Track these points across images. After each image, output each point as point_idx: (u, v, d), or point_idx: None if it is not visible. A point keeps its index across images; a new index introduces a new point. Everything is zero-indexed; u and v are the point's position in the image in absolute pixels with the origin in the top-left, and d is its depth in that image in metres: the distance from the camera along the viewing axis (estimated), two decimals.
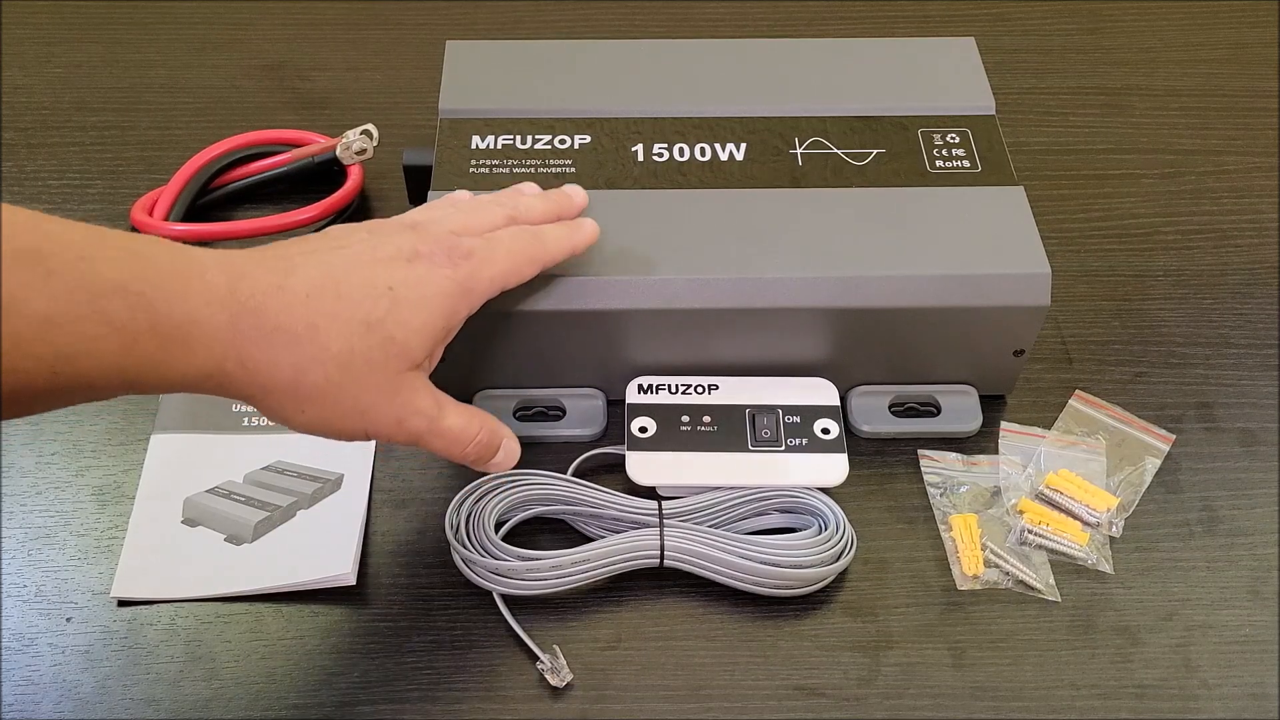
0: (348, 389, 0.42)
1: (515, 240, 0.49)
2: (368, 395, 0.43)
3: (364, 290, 0.42)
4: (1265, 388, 0.62)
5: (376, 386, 0.43)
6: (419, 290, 0.44)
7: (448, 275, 0.45)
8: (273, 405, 0.42)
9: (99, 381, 0.38)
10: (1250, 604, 0.54)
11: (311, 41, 0.80)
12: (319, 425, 0.43)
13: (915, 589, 0.54)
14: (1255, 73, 0.79)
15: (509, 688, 0.51)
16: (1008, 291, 0.56)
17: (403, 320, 0.43)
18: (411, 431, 0.45)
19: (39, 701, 0.50)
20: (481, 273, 0.46)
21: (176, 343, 0.39)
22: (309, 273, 0.42)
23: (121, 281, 0.37)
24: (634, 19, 0.82)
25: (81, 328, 0.36)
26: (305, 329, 0.41)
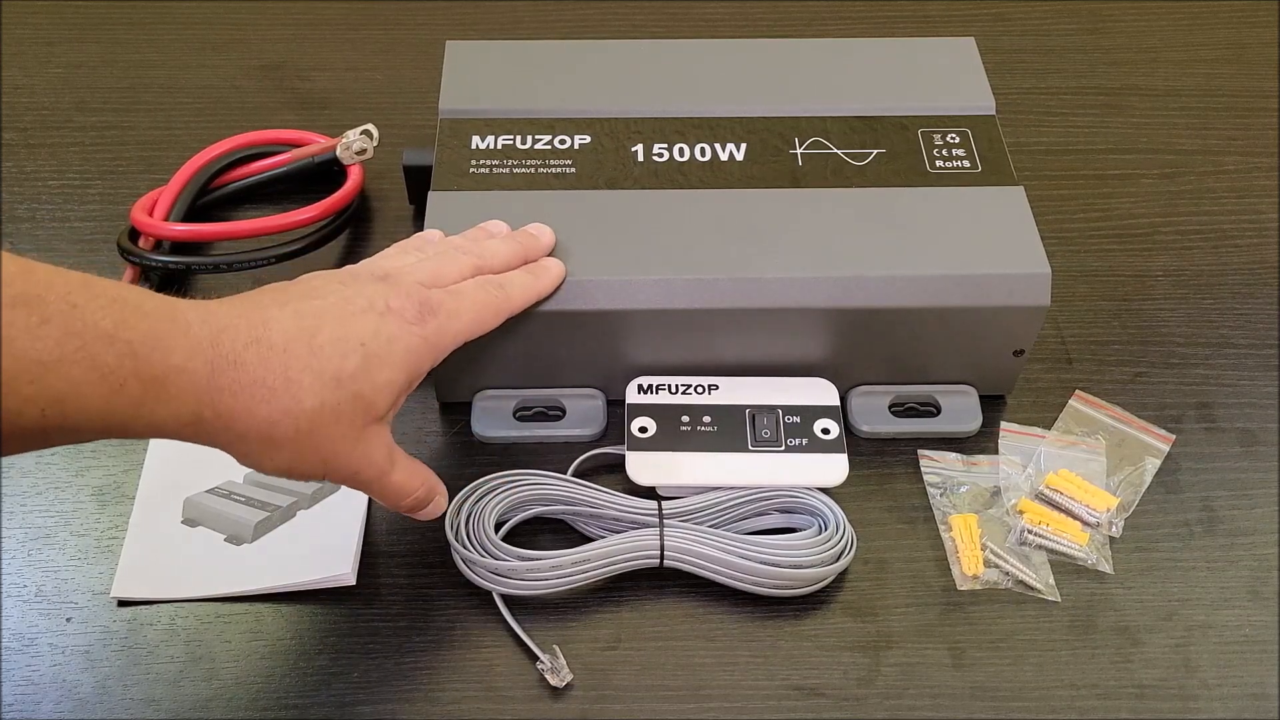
0: (315, 439, 0.44)
1: (480, 292, 0.51)
2: (331, 445, 0.45)
3: (337, 346, 0.44)
4: (1265, 388, 0.62)
5: (342, 437, 0.45)
6: (389, 347, 0.46)
7: (417, 333, 0.47)
8: (243, 451, 0.44)
9: (84, 425, 0.39)
10: (1250, 604, 0.54)
11: (311, 41, 0.80)
12: (283, 469, 0.45)
13: (915, 589, 0.54)
14: (1255, 73, 0.79)
15: (509, 688, 0.51)
16: (1008, 291, 0.56)
17: (372, 377, 0.45)
18: (362, 480, 0.47)
19: (39, 701, 0.50)
20: (448, 328, 0.48)
21: (159, 390, 0.40)
22: (284, 325, 0.44)
23: (110, 329, 0.39)
24: (634, 19, 0.82)
25: (71, 372, 0.38)
26: (281, 383, 0.43)
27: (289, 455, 0.44)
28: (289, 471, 0.45)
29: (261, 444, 0.44)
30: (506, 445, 0.59)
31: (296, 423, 0.43)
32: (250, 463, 0.45)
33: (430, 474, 0.51)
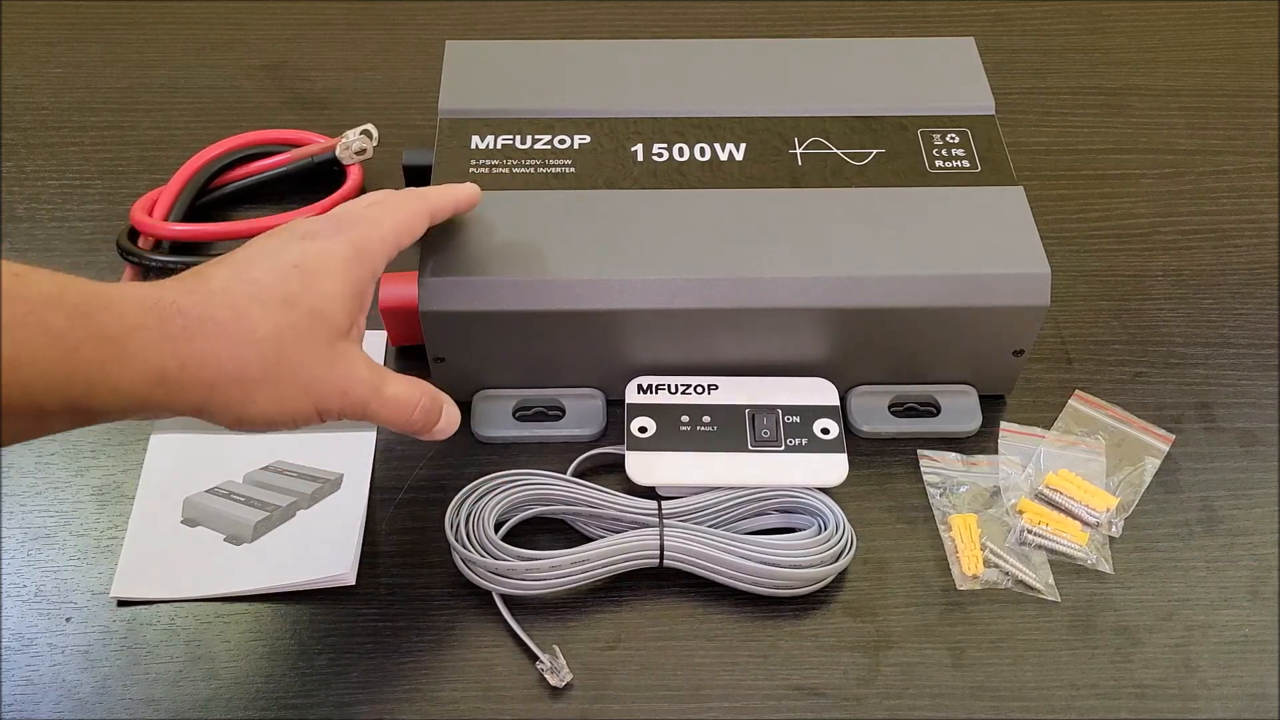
0: (287, 367, 0.44)
1: (397, 199, 0.51)
2: (307, 370, 0.44)
3: (272, 274, 0.45)
4: (1265, 388, 0.62)
5: (314, 359, 0.44)
6: (321, 261, 0.46)
7: (343, 241, 0.47)
8: (224, 403, 0.43)
9: (45, 398, 0.39)
10: (1250, 604, 0.54)
11: (311, 41, 0.80)
12: (273, 412, 0.44)
13: (915, 589, 0.54)
14: (1255, 73, 0.79)
15: (509, 688, 0.51)
16: (1007, 291, 0.56)
17: (317, 289, 0.45)
18: (357, 400, 0.46)
19: (39, 701, 0.50)
20: (373, 234, 0.48)
21: (116, 350, 0.40)
22: (218, 272, 0.45)
23: (56, 294, 0.39)
24: (634, 19, 0.82)
25: (22, 335, 0.38)
26: (229, 314, 0.43)
27: (270, 395, 0.43)
28: (278, 416, 0.44)
29: (238, 388, 0.43)
30: (506, 445, 0.59)
31: (261, 351, 0.43)
32: (236, 416, 0.43)
33: (429, 385, 0.50)
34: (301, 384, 0.44)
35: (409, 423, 0.49)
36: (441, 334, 0.56)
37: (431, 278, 0.55)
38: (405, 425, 0.49)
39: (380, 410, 0.47)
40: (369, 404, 0.47)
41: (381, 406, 0.47)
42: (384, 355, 0.62)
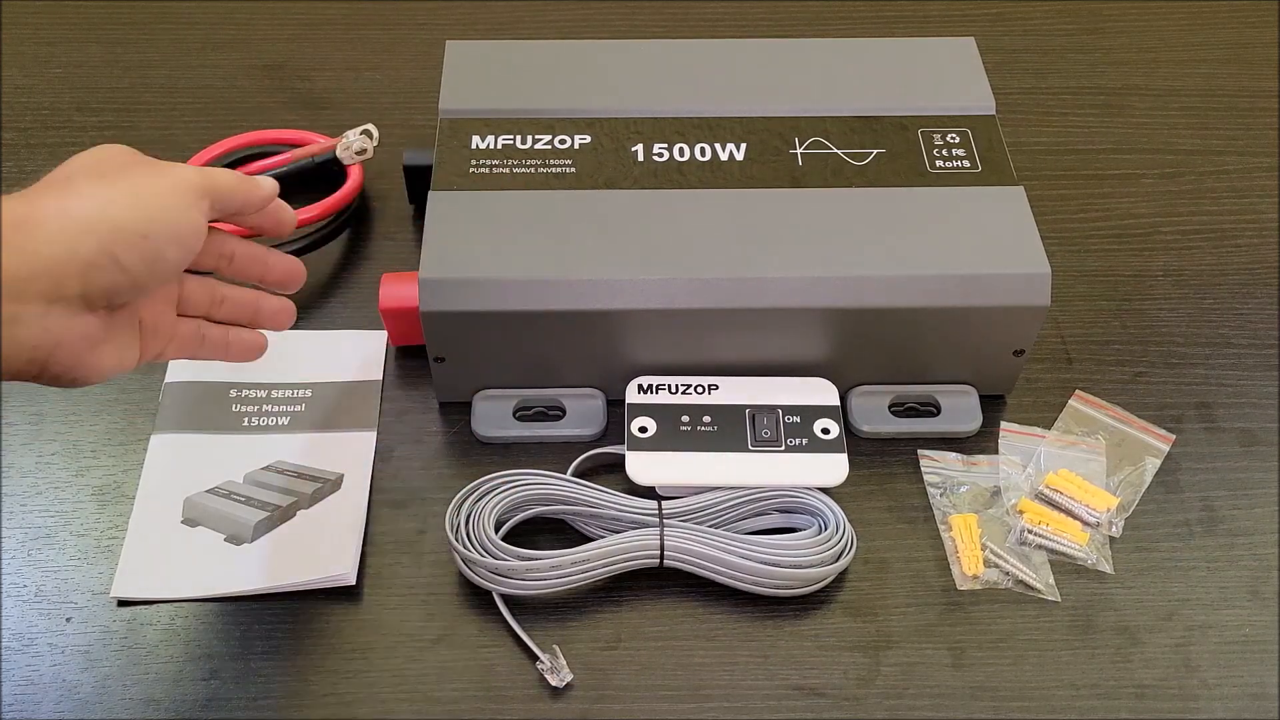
0: (135, 165, 0.45)
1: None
2: (151, 165, 0.46)
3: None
4: (1265, 388, 0.62)
5: (150, 163, 0.46)
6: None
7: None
8: (80, 209, 0.42)
9: None
10: (1250, 604, 0.54)
11: (311, 41, 0.80)
12: (150, 210, 0.43)
13: (915, 589, 0.54)
14: (1255, 73, 0.79)
15: (509, 688, 0.51)
16: (1008, 291, 0.56)
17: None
18: (215, 182, 0.46)
19: (39, 701, 0.50)
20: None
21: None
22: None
23: None
24: (634, 19, 0.82)
25: None
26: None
27: (133, 187, 0.43)
28: (159, 216, 0.43)
29: (105, 188, 0.43)
30: (506, 445, 0.59)
31: (108, 157, 0.44)
32: (121, 235, 0.42)
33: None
34: (158, 173, 0.45)
35: (262, 199, 0.49)
36: (441, 334, 0.56)
37: (431, 278, 0.55)
38: (257, 206, 0.49)
39: (239, 190, 0.48)
40: (228, 183, 0.47)
41: (240, 184, 0.48)
42: (384, 355, 0.62)
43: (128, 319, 0.46)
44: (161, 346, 0.49)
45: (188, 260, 0.45)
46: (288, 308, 0.53)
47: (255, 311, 0.52)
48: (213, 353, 0.51)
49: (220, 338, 0.51)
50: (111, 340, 0.44)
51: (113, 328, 0.44)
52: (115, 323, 0.44)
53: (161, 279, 0.45)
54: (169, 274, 0.45)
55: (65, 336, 0.42)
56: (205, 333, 0.51)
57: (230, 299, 0.51)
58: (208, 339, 0.51)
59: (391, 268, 0.62)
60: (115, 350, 0.45)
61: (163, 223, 0.44)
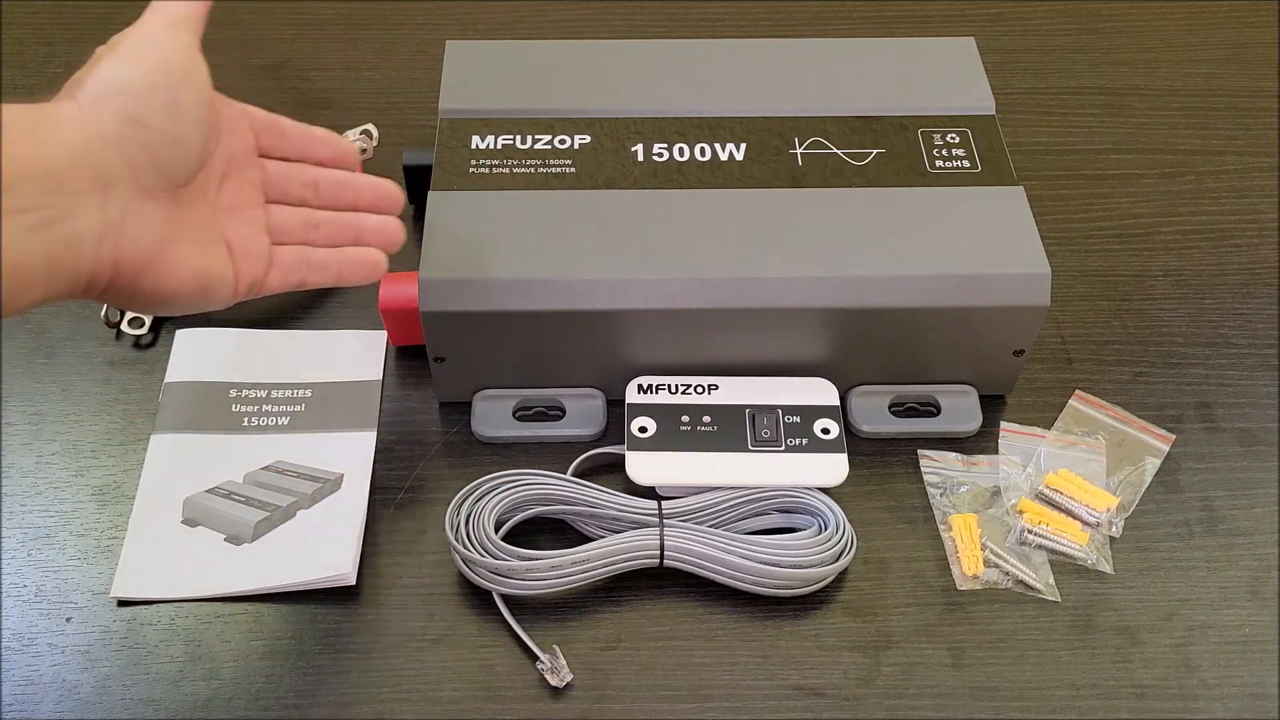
0: (120, 37, 0.45)
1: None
2: (132, 28, 0.45)
3: None
4: (1265, 388, 0.62)
5: (132, 27, 0.46)
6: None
7: None
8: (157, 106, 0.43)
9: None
10: (1250, 604, 0.54)
11: (311, 41, 0.80)
12: (143, 61, 0.43)
13: (915, 589, 0.54)
14: (1255, 73, 0.79)
15: (509, 688, 0.51)
16: (1008, 291, 0.56)
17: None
18: (177, 6, 0.47)
19: (39, 701, 0.50)
20: None
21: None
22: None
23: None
24: (634, 19, 0.82)
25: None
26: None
27: (116, 57, 0.43)
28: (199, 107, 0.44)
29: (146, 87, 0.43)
30: (506, 445, 0.59)
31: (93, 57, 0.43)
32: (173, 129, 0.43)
33: None
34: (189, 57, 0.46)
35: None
36: (441, 334, 0.56)
37: (431, 278, 0.55)
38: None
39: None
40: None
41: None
42: (384, 355, 0.62)
43: (200, 217, 0.45)
44: (259, 270, 0.48)
45: (206, 101, 0.45)
46: (392, 224, 0.52)
47: (358, 231, 0.51)
48: (323, 275, 0.50)
49: (327, 258, 0.50)
50: (187, 238, 0.44)
51: (182, 222, 0.44)
52: (185, 217, 0.44)
53: (197, 130, 0.44)
54: (198, 120, 0.44)
55: (129, 225, 0.41)
56: (309, 256, 0.50)
57: (327, 222, 0.51)
58: (313, 261, 0.50)
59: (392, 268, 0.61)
60: (194, 250, 0.44)
61: (165, 67, 0.43)
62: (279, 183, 0.50)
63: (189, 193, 0.45)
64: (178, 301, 0.45)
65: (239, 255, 0.47)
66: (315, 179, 0.51)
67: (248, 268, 0.47)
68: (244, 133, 0.49)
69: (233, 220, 0.47)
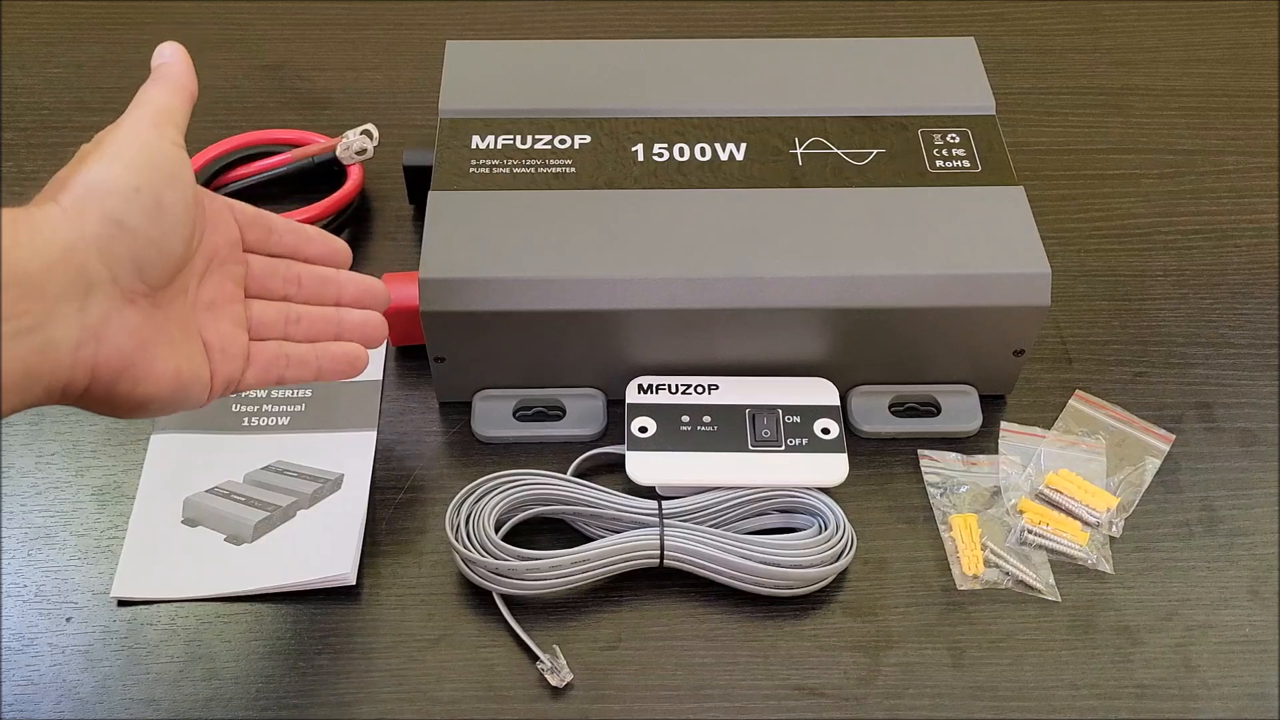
0: (102, 137, 0.43)
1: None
2: (112, 129, 0.44)
3: None
4: (1265, 388, 0.62)
5: (111, 128, 0.44)
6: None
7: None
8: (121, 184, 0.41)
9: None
10: (1250, 604, 0.54)
11: (311, 41, 0.80)
12: (128, 163, 0.42)
13: (915, 589, 0.54)
14: (1255, 73, 0.79)
15: (509, 688, 0.51)
16: (1008, 291, 0.56)
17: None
18: (157, 104, 0.45)
19: (39, 701, 0.50)
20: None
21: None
22: None
23: None
24: (634, 19, 0.82)
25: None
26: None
27: (99, 159, 0.42)
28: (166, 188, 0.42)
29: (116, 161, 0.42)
30: (506, 445, 0.59)
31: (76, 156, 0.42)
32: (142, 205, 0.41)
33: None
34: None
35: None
36: (441, 334, 0.56)
37: (431, 278, 0.55)
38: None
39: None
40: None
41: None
42: (384, 355, 0.62)
43: (178, 316, 0.44)
44: (235, 369, 0.47)
45: (189, 201, 0.43)
46: (373, 320, 0.51)
47: (339, 326, 0.50)
48: (301, 371, 0.49)
49: (307, 354, 0.49)
50: (164, 340, 0.43)
51: (162, 324, 0.43)
52: (163, 318, 0.43)
53: (178, 231, 0.43)
54: (180, 221, 0.43)
55: (107, 331, 0.40)
56: (288, 351, 0.49)
57: (307, 316, 0.50)
58: (291, 357, 0.49)
59: (391, 268, 0.62)
60: (171, 353, 0.43)
61: (148, 168, 0.42)
62: (261, 278, 0.49)
63: (168, 292, 0.44)
64: (153, 406, 0.43)
65: (216, 354, 0.46)
66: (299, 274, 0.50)
67: (224, 366, 0.46)
68: (228, 228, 0.48)
69: (212, 317, 0.46)
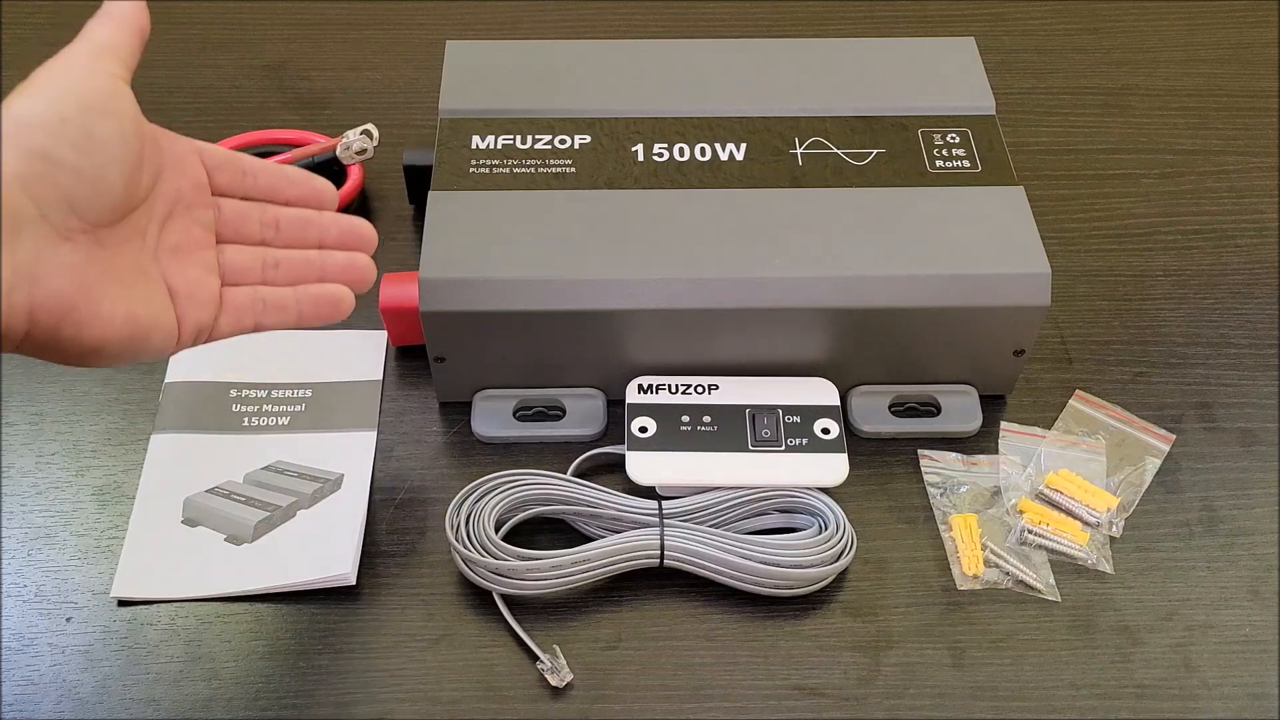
0: (39, 70, 0.41)
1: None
2: (51, 61, 0.42)
3: None
4: (1265, 388, 0.62)
5: (50, 61, 0.42)
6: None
7: None
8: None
9: None
10: (1250, 604, 0.54)
11: (311, 41, 0.80)
12: (57, 94, 0.40)
13: (915, 589, 0.54)
14: (1255, 73, 0.79)
15: (509, 688, 0.51)
16: (1008, 291, 0.56)
17: None
18: (100, 35, 0.44)
19: (39, 701, 0.50)
20: None
21: None
22: None
23: None
24: (634, 19, 0.82)
25: None
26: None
27: (30, 91, 0.40)
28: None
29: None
30: (506, 445, 0.59)
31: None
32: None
33: None
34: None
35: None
36: (441, 334, 0.56)
37: (431, 277, 0.55)
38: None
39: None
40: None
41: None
42: (384, 355, 0.62)
43: (131, 258, 0.41)
44: (206, 315, 0.44)
45: (128, 133, 0.41)
46: (360, 261, 0.48)
47: (321, 268, 0.48)
48: (280, 316, 0.46)
49: (286, 298, 0.46)
50: (111, 282, 0.40)
51: (106, 264, 0.40)
52: (109, 258, 0.40)
53: (114, 165, 0.40)
54: (116, 155, 0.40)
55: (40, 271, 0.38)
56: (265, 296, 0.46)
57: (286, 261, 0.47)
58: (269, 301, 0.46)
59: (391, 268, 0.62)
60: (122, 295, 0.40)
61: (76, 100, 0.40)
62: (235, 222, 0.46)
63: (118, 233, 0.41)
64: (107, 350, 0.40)
65: (182, 299, 0.43)
66: (277, 217, 0.47)
67: (193, 312, 0.44)
68: (194, 170, 0.45)
69: (177, 262, 0.44)
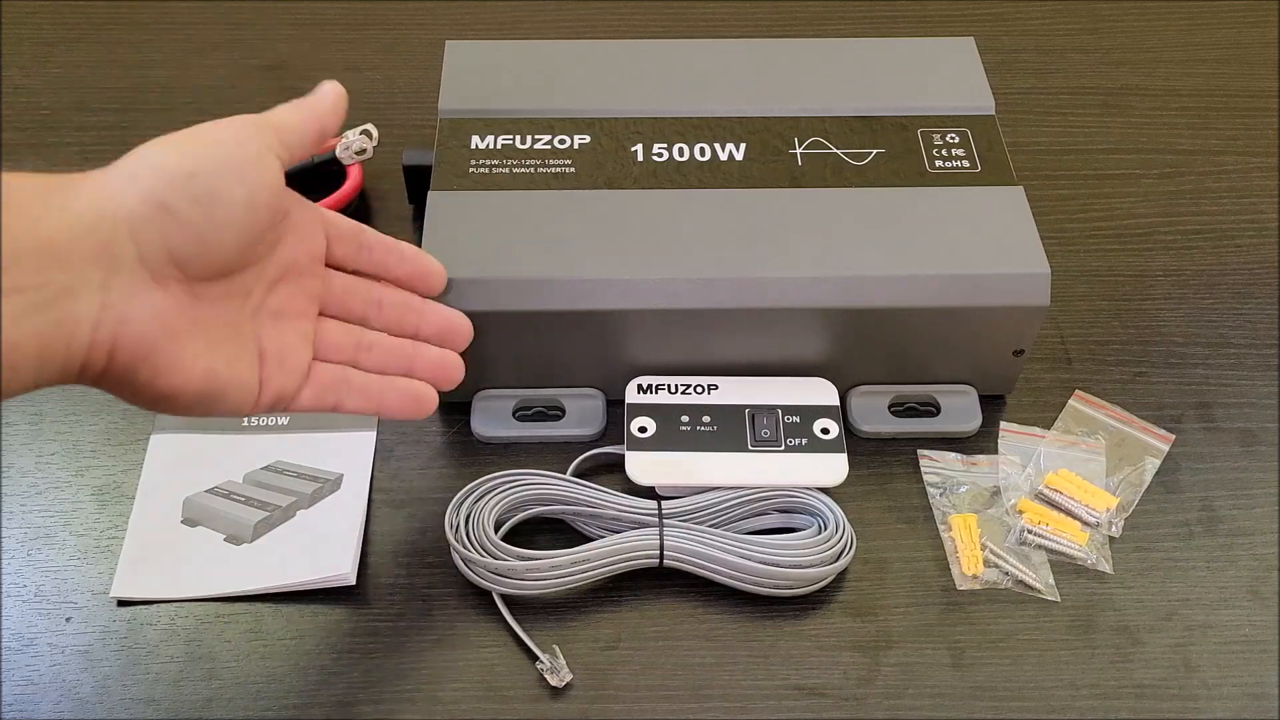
0: (195, 126, 0.41)
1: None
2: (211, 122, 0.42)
3: None
4: (1265, 388, 0.62)
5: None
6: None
7: None
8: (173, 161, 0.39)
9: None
10: (1250, 604, 0.54)
11: (311, 41, 0.80)
12: (199, 149, 0.40)
13: (915, 589, 0.54)
14: (1255, 73, 0.79)
15: (509, 688, 0.51)
16: (1007, 291, 0.56)
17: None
18: (276, 113, 0.45)
19: (39, 701, 0.50)
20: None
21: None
22: None
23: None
24: (634, 19, 0.82)
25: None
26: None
27: (175, 141, 0.40)
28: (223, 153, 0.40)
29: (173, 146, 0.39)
30: (506, 445, 0.59)
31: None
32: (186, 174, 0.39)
33: None
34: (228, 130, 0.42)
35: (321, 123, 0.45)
36: None
37: None
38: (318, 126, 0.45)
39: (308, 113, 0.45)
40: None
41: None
42: None
43: (228, 316, 0.41)
44: (291, 383, 0.44)
45: (257, 203, 0.41)
46: (451, 360, 0.49)
47: (412, 360, 0.48)
48: (362, 402, 0.46)
49: (370, 385, 0.47)
50: (199, 335, 0.40)
51: (198, 317, 0.40)
52: (203, 312, 0.40)
53: (231, 229, 0.40)
54: (236, 220, 0.40)
55: (130, 313, 0.37)
56: (351, 378, 0.46)
57: (380, 345, 0.47)
58: (354, 385, 0.46)
59: None
60: (205, 349, 0.40)
61: (214, 158, 0.39)
62: (341, 296, 0.47)
63: (220, 288, 0.41)
64: (180, 400, 0.40)
65: (271, 364, 0.43)
66: (380, 298, 0.48)
67: (278, 378, 0.43)
68: (314, 240, 0.46)
69: (276, 327, 0.44)
